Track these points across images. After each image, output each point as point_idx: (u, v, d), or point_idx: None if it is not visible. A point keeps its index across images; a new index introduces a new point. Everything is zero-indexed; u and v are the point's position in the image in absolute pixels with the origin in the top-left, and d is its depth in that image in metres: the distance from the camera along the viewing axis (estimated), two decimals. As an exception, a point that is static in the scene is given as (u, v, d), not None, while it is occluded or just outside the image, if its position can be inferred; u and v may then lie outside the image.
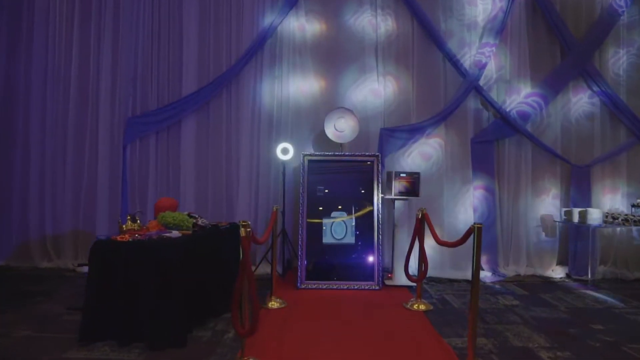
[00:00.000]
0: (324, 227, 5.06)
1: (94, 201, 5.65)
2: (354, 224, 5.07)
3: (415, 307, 4.11)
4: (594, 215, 5.19)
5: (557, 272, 5.68)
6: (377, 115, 5.81)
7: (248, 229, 2.72)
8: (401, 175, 5.05)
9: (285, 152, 5.22)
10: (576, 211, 5.40)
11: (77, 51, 5.75)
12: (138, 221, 3.55)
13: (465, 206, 5.71)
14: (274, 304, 4.13)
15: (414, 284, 4.47)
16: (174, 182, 5.78)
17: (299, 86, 5.78)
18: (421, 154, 5.77)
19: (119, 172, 5.65)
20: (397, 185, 5.02)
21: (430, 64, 5.81)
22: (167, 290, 3.12)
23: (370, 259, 4.96)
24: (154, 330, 3.09)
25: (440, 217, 5.61)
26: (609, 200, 5.84)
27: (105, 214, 5.62)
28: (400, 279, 4.98)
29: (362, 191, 5.16)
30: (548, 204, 5.88)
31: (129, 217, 3.55)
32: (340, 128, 5.33)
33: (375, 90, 5.83)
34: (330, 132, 5.34)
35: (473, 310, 2.87)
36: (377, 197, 5.09)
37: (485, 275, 5.50)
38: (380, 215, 5.05)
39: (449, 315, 3.95)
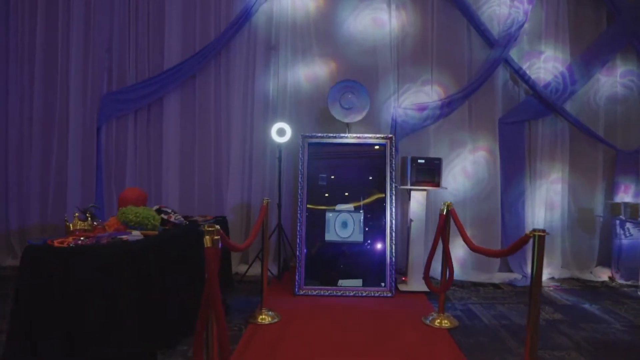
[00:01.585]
0: (327, 222, 4.29)
1: (64, 190, 4.92)
2: (362, 218, 4.29)
3: (437, 323, 3.35)
4: (649, 210, 4.37)
5: (598, 275, 4.89)
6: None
7: (215, 237, 1.93)
8: (419, 161, 4.26)
9: (281, 133, 4.43)
10: (625, 205, 4.58)
11: (43, 17, 4.94)
12: (89, 219, 2.80)
13: (492, 197, 4.92)
14: (264, 317, 3.39)
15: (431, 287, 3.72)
16: (156, 168, 5.03)
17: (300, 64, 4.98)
18: (442, 137, 4.96)
19: (93, 157, 4.91)
20: (414, 173, 4.24)
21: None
22: (117, 308, 2.40)
23: (382, 260, 4.19)
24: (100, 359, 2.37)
25: (464, 211, 4.82)
26: (660, 192, 5.01)
27: (78, 205, 4.88)
28: (417, 283, 4.25)
29: (373, 180, 4.37)
30: (588, 195, 5.07)
31: (76, 214, 2.80)
32: (347, 105, 4.52)
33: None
34: (335, 109, 4.53)
35: (531, 344, 2.11)
36: (390, 187, 4.31)
37: (515, 278, 4.74)
38: (393, 209, 4.28)
39: (480, 335, 3.18)
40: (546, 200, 4.99)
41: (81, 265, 2.39)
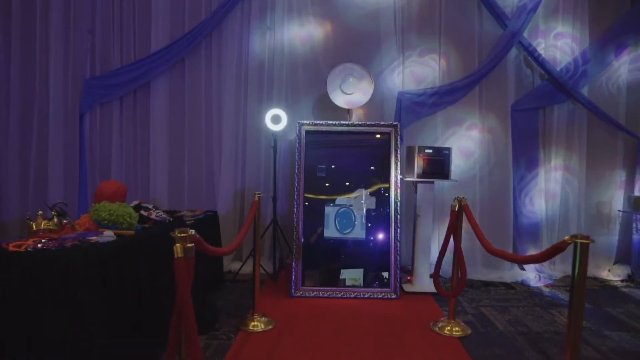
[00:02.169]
0: (327, 217, 3.96)
1: (45, 183, 4.56)
2: (364, 213, 3.96)
3: (447, 330, 3.03)
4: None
5: (616, 274, 4.56)
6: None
7: (188, 245, 1.59)
8: (426, 150, 3.92)
9: (276, 120, 4.08)
10: (649, 198, 4.25)
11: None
12: (55, 218, 2.47)
13: (503, 188, 4.59)
14: (256, 324, 3.07)
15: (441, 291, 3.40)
16: (143, 158, 4.70)
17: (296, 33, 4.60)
18: (450, 125, 4.61)
19: (76, 146, 4.56)
20: (420, 164, 3.90)
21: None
22: (81, 318, 2.08)
23: (386, 258, 3.86)
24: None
25: (473, 203, 4.47)
26: (685, 184, 4.67)
27: (60, 199, 4.54)
28: (423, 284, 3.94)
29: (376, 171, 4.03)
30: (607, 188, 4.74)
31: (39, 212, 2.48)
32: (348, 90, 4.16)
33: None
34: (335, 94, 4.17)
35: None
36: (394, 179, 3.97)
37: (527, 276, 4.41)
38: (398, 203, 3.94)
39: (495, 345, 2.87)
40: (561, 192, 4.66)
41: (40, 272, 2.06)
